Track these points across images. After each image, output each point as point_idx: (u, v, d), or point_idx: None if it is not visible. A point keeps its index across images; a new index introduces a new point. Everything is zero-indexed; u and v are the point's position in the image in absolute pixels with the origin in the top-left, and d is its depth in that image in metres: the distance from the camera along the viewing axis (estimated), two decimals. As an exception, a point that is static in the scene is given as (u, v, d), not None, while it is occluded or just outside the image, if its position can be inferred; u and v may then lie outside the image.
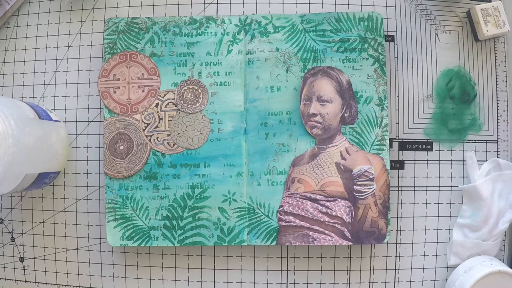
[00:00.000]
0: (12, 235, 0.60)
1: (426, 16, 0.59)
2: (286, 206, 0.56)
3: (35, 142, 0.51)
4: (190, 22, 0.58)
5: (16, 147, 0.47)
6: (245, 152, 0.56)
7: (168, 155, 0.57)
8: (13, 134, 0.47)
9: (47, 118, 0.54)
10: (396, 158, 0.58)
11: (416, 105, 0.59)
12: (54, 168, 0.56)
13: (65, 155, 0.58)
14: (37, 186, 0.54)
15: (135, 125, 0.57)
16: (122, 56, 0.57)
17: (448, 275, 0.58)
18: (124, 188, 0.56)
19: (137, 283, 0.59)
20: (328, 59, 0.57)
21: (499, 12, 0.57)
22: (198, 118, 0.57)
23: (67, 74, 0.60)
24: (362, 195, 0.55)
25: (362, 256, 0.58)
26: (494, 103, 0.59)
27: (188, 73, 0.57)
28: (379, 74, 0.57)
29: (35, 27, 0.61)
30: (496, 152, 0.59)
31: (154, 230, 0.56)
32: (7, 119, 0.47)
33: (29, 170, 0.50)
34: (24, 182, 0.50)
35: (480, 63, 0.59)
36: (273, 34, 0.57)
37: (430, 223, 0.58)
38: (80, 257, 0.59)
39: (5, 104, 0.49)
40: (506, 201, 0.57)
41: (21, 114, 0.50)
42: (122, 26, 0.58)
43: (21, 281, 0.60)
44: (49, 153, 0.54)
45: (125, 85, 0.57)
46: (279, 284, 0.58)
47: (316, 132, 0.56)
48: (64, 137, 0.58)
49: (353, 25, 0.57)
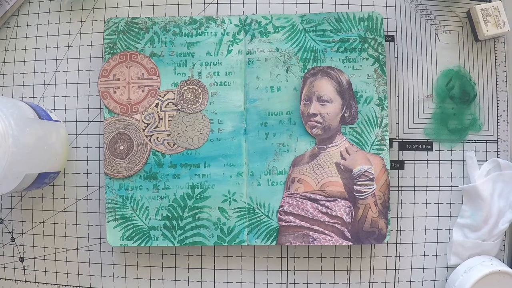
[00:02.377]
0: (12, 235, 0.60)
1: (426, 16, 0.59)
2: (286, 206, 0.56)
3: (35, 142, 0.51)
4: (190, 22, 0.58)
5: (16, 147, 0.47)
6: (245, 152, 0.56)
7: (168, 155, 0.57)
8: (13, 134, 0.47)
9: (47, 118, 0.54)
10: (396, 158, 0.58)
11: (416, 105, 0.59)
12: (54, 168, 0.56)
13: (65, 155, 0.58)
14: (37, 186, 0.54)
15: (135, 125, 0.57)
16: (122, 56, 0.57)
17: (448, 275, 0.58)
18: (124, 188, 0.57)
19: (137, 283, 0.59)
20: (328, 59, 0.57)
21: (499, 12, 0.57)
22: (198, 118, 0.57)
23: (67, 74, 0.60)
24: (362, 195, 0.55)
25: (362, 256, 0.58)
26: (494, 103, 0.59)
27: (188, 73, 0.57)
28: (379, 74, 0.57)
29: (35, 27, 0.61)
30: (496, 152, 0.59)
31: (154, 230, 0.56)
32: (7, 119, 0.47)
33: (29, 170, 0.50)
34: (24, 182, 0.50)
35: (480, 63, 0.59)
36: (273, 34, 0.57)
37: (430, 223, 0.58)
38: (80, 257, 0.59)
39: (5, 104, 0.49)
40: (506, 201, 0.57)
41: (21, 114, 0.50)
42: (122, 26, 0.58)
43: (21, 281, 0.60)
44: (49, 153, 0.54)
45: (125, 85, 0.57)
46: (279, 284, 0.58)
47: (316, 132, 0.56)
48: (64, 137, 0.58)
49: (353, 25, 0.57)
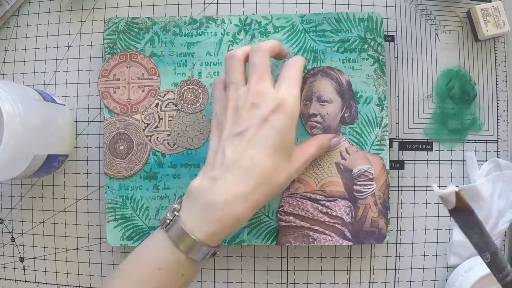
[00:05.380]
0: (12, 235, 0.60)
1: (426, 16, 0.59)
2: (286, 206, 0.56)
3: (42, 122, 0.51)
4: (190, 22, 0.58)
5: (24, 126, 0.47)
6: (245, 152, 0.56)
7: (168, 155, 0.57)
8: (20, 114, 0.47)
9: (52, 101, 0.55)
10: (396, 158, 0.58)
11: (416, 105, 0.59)
12: (62, 150, 0.56)
13: (71, 137, 0.58)
14: (46, 171, 0.54)
15: (135, 125, 0.57)
16: (122, 56, 0.57)
17: (448, 275, 0.58)
18: (124, 188, 0.57)
19: (137, 283, 0.59)
20: (328, 59, 0.57)
21: (499, 12, 0.57)
22: (198, 118, 0.57)
23: (67, 74, 0.60)
24: (362, 195, 0.55)
25: (362, 256, 0.58)
26: (494, 103, 0.59)
27: (188, 73, 0.57)
28: (379, 75, 0.57)
29: (35, 27, 0.61)
30: (496, 152, 0.59)
31: (154, 230, 0.56)
32: (14, 100, 0.47)
33: (38, 151, 0.51)
34: (34, 164, 0.51)
35: (480, 63, 0.59)
36: (273, 34, 0.57)
37: (430, 223, 0.58)
38: (80, 257, 0.59)
39: (10, 86, 0.49)
40: (506, 201, 0.57)
41: (27, 95, 0.50)
42: (122, 26, 0.58)
43: (21, 281, 0.60)
44: (56, 135, 0.54)
45: (125, 85, 0.57)
46: (279, 284, 0.58)
47: (316, 132, 0.56)
48: (69, 120, 0.58)
49: (353, 25, 0.57)
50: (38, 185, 0.60)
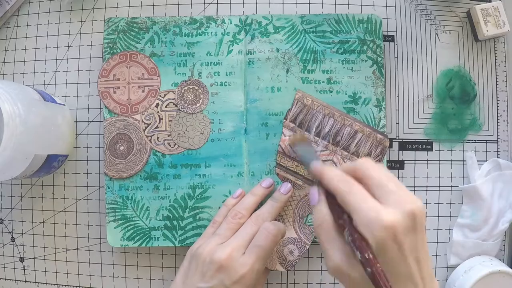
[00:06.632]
0: (12, 235, 0.60)
1: (426, 16, 0.59)
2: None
3: (42, 122, 0.51)
4: (190, 22, 0.58)
5: (24, 126, 0.47)
6: (245, 152, 0.56)
7: (169, 156, 0.57)
8: (20, 114, 0.47)
9: (51, 101, 0.55)
10: (396, 158, 0.59)
11: (416, 105, 0.59)
12: (62, 150, 0.56)
13: (71, 138, 0.58)
14: (46, 171, 0.54)
15: (135, 125, 0.57)
16: (122, 56, 0.57)
17: (448, 275, 0.58)
18: (124, 188, 0.56)
19: (137, 283, 0.59)
20: (327, 60, 0.57)
21: (499, 12, 0.57)
22: (199, 118, 0.57)
23: (67, 74, 0.60)
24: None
25: (362, 256, 0.58)
26: (494, 103, 0.59)
27: (189, 73, 0.57)
28: (377, 76, 0.57)
29: (35, 27, 0.61)
30: (496, 152, 0.59)
31: (154, 231, 0.56)
32: (13, 99, 0.47)
33: (38, 151, 0.51)
34: (34, 164, 0.51)
35: (480, 63, 0.59)
36: (273, 35, 0.57)
37: (430, 223, 0.58)
38: (80, 257, 0.59)
39: (10, 86, 0.49)
40: (506, 201, 0.57)
41: (27, 95, 0.50)
42: (122, 26, 0.58)
43: (21, 281, 0.60)
44: (56, 135, 0.54)
45: (125, 85, 0.57)
46: (279, 284, 0.58)
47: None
48: (70, 120, 0.58)
49: (352, 27, 0.57)
50: (38, 185, 0.60)
